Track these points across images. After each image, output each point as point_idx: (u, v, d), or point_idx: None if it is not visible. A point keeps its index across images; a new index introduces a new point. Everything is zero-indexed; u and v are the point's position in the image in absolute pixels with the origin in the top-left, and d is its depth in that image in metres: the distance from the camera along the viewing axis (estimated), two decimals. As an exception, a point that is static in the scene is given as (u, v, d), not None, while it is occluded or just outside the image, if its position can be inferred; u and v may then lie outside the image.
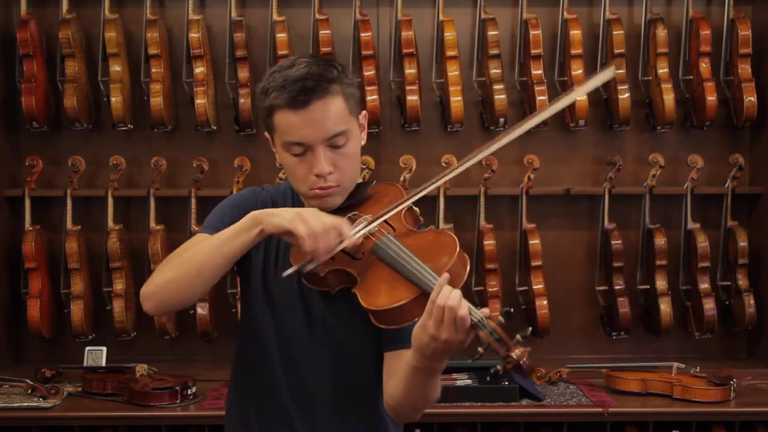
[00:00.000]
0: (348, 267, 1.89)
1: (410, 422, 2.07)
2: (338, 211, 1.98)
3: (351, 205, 2.00)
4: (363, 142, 2.04)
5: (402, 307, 1.78)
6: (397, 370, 1.90)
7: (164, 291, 1.93)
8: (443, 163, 3.72)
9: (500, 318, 1.69)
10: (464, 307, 1.69)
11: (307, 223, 1.82)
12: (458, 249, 1.81)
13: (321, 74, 1.92)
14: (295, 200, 2.11)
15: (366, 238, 1.90)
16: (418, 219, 2.01)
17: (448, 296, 1.69)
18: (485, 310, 1.72)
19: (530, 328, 1.78)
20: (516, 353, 1.67)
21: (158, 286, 1.94)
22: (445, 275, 1.73)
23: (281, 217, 1.85)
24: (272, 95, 1.92)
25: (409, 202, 1.93)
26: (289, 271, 1.87)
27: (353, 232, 1.87)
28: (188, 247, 2.00)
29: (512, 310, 1.73)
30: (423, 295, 1.76)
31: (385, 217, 1.91)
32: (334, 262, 1.89)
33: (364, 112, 2.04)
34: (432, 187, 1.91)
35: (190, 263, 1.91)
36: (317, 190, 1.95)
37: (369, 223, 1.91)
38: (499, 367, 1.68)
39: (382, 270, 1.86)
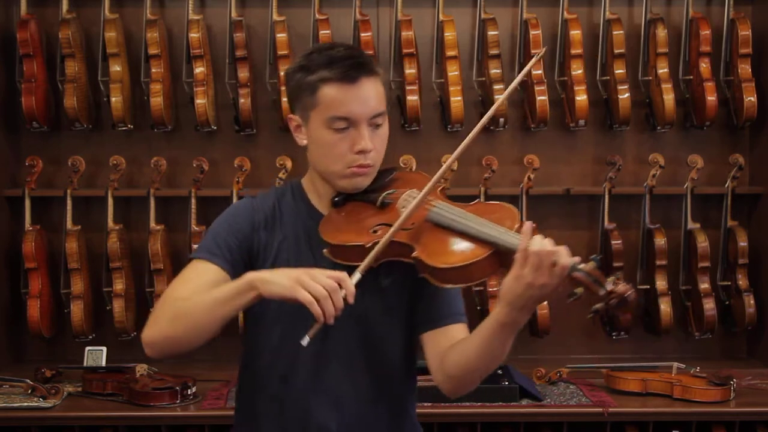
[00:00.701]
0: (403, 239, 1.90)
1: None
2: (364, 193, 2.02)
3: (376, 188, 2.03)
4: None
5: (477, 263, 1.82)
6: (450, 344, 1.95)
7: (163, 344, 1.94)
8: (443, 163, 3.72)
9: (592, 262, 1.76)
10: (561, 251, 1.74)
11: (309, 287, 1.76)
12: (518, 213, 1.90)
13: (366, 55, 2.02)
14: (296, 198, 2.09)
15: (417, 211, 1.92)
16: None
17: (542, 242, 1.74)
18: (576, 258, 1.77)
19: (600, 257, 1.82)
20: (619, 288, 1.72)
21: (157, 338, 1.93)
22: (530, 223, 1.77)
23: (279, 285, 1.79)
24: (319, 71, 1.95)
25: (445, 167, 1.98)
26: (307, 340, 1.81)
27: (408, 209, 1.89)
28: (186, 278, 1.98)
29: (600, 257, 1.81)
30: (496, 252, 1.82)
31: (431, 185, 1.93)
32: (386, 252, 1.89)
33: None
34: (459, 151, 1.97)
35: (186, 322, 1.90)
36: (355, 168, 1.97)
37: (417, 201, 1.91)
38: (598, 306, 1.74)
39: (441, 234, 1.89)
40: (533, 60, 2.07)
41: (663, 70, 3.81)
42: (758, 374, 3.69)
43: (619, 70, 3.81)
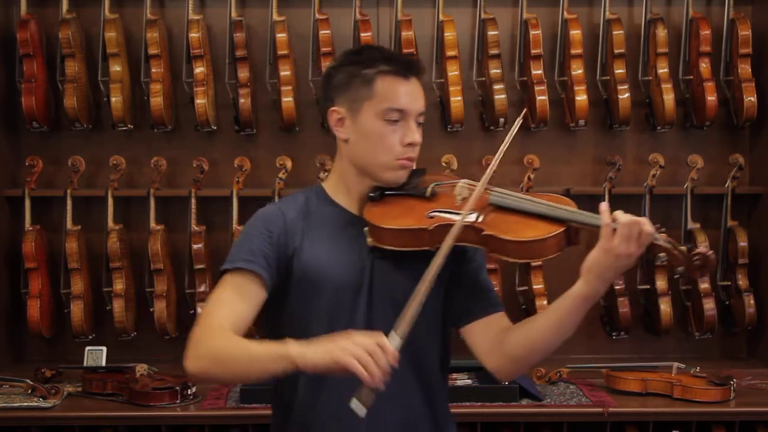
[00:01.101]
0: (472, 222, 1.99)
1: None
2: (401, 188, 2.09)
3: (409, 185, 2.12)
4: None
5: (552, 238, 1.96)
6: (502, 330, 2.07)
7: (205, 378, 2.02)
8: (443, 163, 3.73)
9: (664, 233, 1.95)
10: (645, 220, 1.90)
11: (354, 352, 1.76)
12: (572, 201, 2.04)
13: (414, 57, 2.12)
14: (321, 200, 2.12)
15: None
16: None
17: (627, 215, 1.90)
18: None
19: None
20: (702, 249, 1.90)
21: (199, 373, 1.96)
22: (606, 203, 1.93)
23: (318, 356, 1.80)
24: (376, 65, 2.04)
25: (496, 160, 2.12)
26: (364, 411, 1.80)
27: (475, 191, 2.03)
28: (225, 298, 1.99)
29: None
30: (567, 230, 1.97)
31: (491, 170, 2.07)
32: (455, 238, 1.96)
33: None
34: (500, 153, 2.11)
35: (226, 368, 1.94)
36: (404, 160, 2.07)
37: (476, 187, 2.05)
38: (681, 269, 1.93)
39: (507, 215, 2.01)
40: (517, 122, 2.15)
41: (663, 70, 3.81)
42: (758, 374, 3.69)
43: (619, 70, 3.81)
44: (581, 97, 3.77)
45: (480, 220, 2.00)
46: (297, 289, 2.05)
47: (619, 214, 1.90)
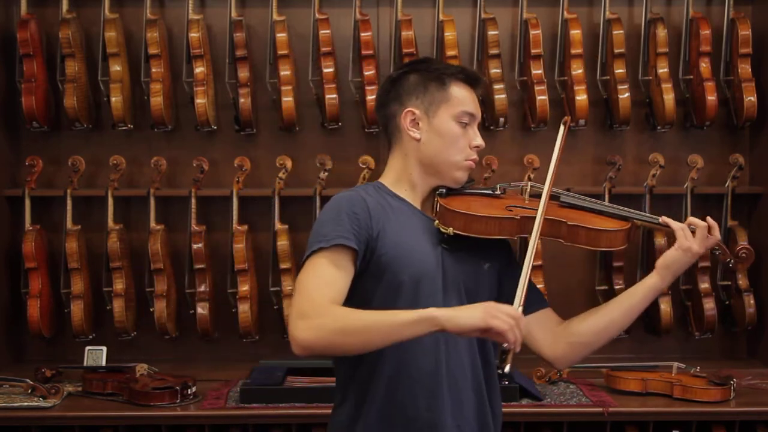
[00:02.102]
0: (553, 216, 2.23)
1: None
2: (465, 188, 2.27)
3: (465, 187, 2.29)
4: None
5: (623, 232, 2.24)
6: (560, 322, 2.30)
7: (323, 349, 2.02)
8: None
9: None
10: (713, 223, 2.28)
11: (501, 317, 1.92)
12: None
13: None
14: (387, 194, 2.21)
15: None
16: None
17: (697, 220, 2.28)
18: None
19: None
20: (743, 243, 2.25)
21: (319, 344, 2.00)
22: (664, 217, 2.30)
23: (471, 318, 1.93)
24: (451, 72, 2.25)
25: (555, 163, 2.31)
26: (508, 367, 1.99)
27: (545, 188, 2.24)
28: (325, 275, 2.06)
29: None
30: (632, 227, 2.27)
31: (554, 168, 2.29)
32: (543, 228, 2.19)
33: None
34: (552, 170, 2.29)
35: (358, 338, 1.99)
36: (470, 161, 2.25)
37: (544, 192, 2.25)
38: (730, 261, 2.42)
39: (579, 212, 2.29)
40: (562, 130, 2.38)
41: (663, 70, 3.81)
42: (758, 374, 3.69)
43: (619, 70, 3.81)
44: (581, 97, 3.77)
45: (558, 214, 2.24)
46: (377, 272, 2.13)
47: (692, 219, 2.27)
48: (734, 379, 3.44)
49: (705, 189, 3.94)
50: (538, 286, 3.74)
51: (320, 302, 2.01)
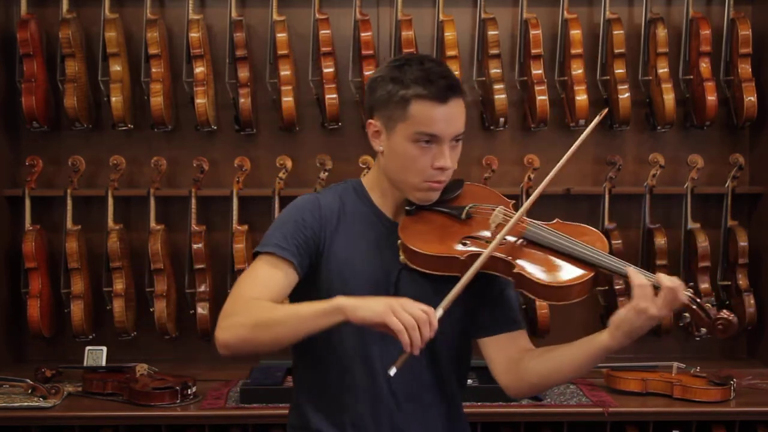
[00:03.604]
0: (502, 254, 2.00)
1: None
2: (437, 203, 2.09)
3: (445, 200, 2.11)
4: None
5: (581, 284, 1.97)
6: (521, 350, 2.12)
7: (240, 347, 1.96)
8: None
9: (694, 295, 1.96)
10: (680, 283, 1.91)
11: (400, 316, 1.80)
12: (604, 237, 2.10)
13: (455, 75, 2.07)
14: (359, 197, 2.14)
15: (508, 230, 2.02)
16: None
17: (670, 278, 1.91)
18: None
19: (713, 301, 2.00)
20: (725, 313, 1.93)
21: (235, 342, 1.94)
22: (633, 268, 1.95)
23: (371, 311, 1.82)
24: (414, 86, 2.00)
25: (538, 192, 2.08)
26: (394, 370, 1.85)
27: (508, 225, 2.00)
28: (257, 276, 2.01)
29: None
30: (596, 275, 1.98)
31: (530, 202, 2.06)
32: (484, 266, 1.97)
33: None
34: (549, 179, 2.13)
35: (268, 332, 1.92)
36: (432, 183, 2.05)
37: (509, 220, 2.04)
38: (703, 330, 1.98)
39: (539, 252, 2.02)
40: (597, 119, 2.20)
41: (663, 70, 3.81)
42: (758, 374, 3.69)
43: (619, 70, 3.81)
44: (581, 97, 3.77)
45: (511, 252, 2.02)
46: (324, 281, 2.07)
47: (663, 277, 1.92)
48: (734, 379, 3.44)
49: (705, 189, 3.94)
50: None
51: (244, 300, 1.97)
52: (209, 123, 3.82)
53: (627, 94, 3.80)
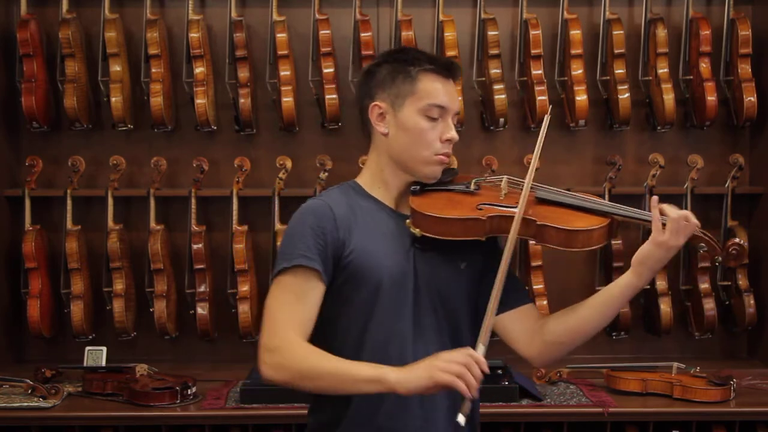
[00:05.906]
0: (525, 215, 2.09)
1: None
2: (440, 183, 2.19)
3: (444, 182, 2.20)
4: None
5: (601, 229, 2.10)
6: (539, 319, 2.20)
7: (285, 385, 2.05)
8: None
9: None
10: (689, 213, 2.07)
11: (447, 369, 1.87)
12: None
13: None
14: (360, 195, 2.17)
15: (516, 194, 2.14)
16: None
17: (676, 210, 2.06)
18: None
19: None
20: (737, 239, 2.11)
21: (280, 381, 2.04)
22: (656, 197, 2.09)
23: (417, 381, 1.90)
24: (419, 62, 2.13)
25: (536, 162, 2.18)
26: (463, 419, 1.91)
27: (526, 184, 2.12)
28: (292, 297, 2.05)
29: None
30: (611, 223, 2.12)
31: (535, 161, 2.18)
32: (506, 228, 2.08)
33: None
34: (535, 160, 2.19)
35: (313, 384, 2.01)
36: (442, 156, 2.15)
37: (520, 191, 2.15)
38: (719, 258, 2.19)
39: (555, 209, 2.14)
40: (545, 121, 2.24)
41: (663, 70, 3.81)
42: (758, 374, 3.69)
43: (619, 70, 3.81)
44: (581, 97, 3.77)
45: (530, 212, 2.11)
46: (348, 282, 2.10)
47: (667, 208, 2.06)
48: (734, 379, 3.44)
49: (705, 189, 3.94)
50: (538, 286, 3.78)
51: (284, 336, 2.02)
52: (209, 123, 3.82)
53: (627, 95, 3.80)
